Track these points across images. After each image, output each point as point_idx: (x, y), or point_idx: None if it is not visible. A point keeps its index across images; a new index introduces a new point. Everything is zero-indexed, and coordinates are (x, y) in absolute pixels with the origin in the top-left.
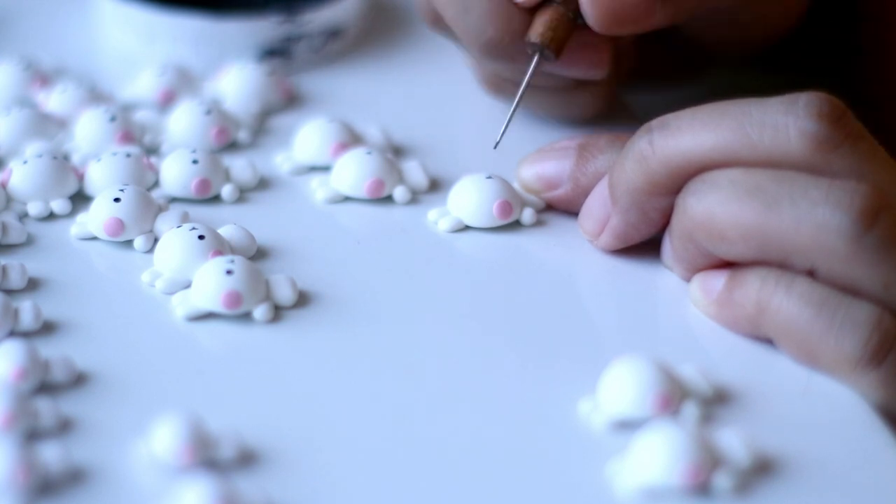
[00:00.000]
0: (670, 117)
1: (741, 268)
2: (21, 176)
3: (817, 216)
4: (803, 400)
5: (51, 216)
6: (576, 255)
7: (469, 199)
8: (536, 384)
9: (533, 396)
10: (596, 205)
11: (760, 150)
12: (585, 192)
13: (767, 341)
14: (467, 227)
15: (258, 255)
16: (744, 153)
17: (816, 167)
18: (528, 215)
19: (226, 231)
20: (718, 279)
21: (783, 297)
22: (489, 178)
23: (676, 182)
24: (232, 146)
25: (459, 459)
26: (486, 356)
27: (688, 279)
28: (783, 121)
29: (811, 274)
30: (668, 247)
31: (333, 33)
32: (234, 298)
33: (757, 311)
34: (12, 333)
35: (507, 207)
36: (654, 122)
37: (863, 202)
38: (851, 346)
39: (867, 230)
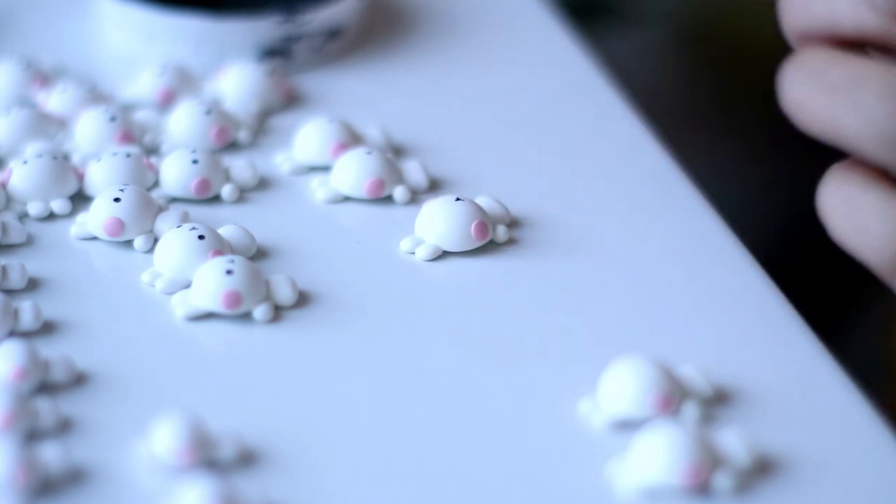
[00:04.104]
0: None
1: None
2: (21, 176)
3: None
4: (803, 400)
5: (51, 216)
6: (575, 255)
7: (444, 224)
8: (536, 384)
9: (533, 396)
10: None
11: None
12: None
13: (767, 340)
14: (446, 254)
15: (258, 255)
16: None
17: None
18: (501, 232)
19: (226, 231)
20: None
21: None
22: (458, 200)
23: None
24: (232, 146)
25: (459, 459)
26: (486, 356)
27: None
28: None
29: None
30: None
31: (333, 33)
32: (234, 298)
33: None
34: (12, 333)
35: (483, 228)
36: None
37: None
38: None
39: None
